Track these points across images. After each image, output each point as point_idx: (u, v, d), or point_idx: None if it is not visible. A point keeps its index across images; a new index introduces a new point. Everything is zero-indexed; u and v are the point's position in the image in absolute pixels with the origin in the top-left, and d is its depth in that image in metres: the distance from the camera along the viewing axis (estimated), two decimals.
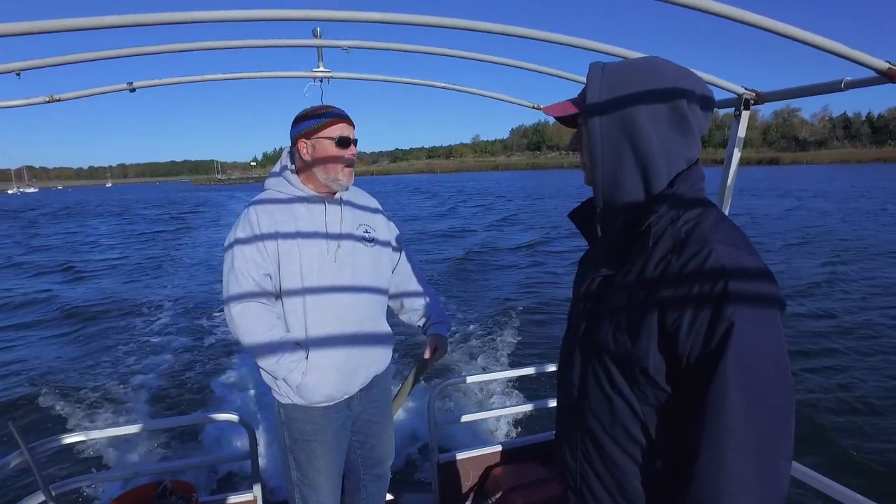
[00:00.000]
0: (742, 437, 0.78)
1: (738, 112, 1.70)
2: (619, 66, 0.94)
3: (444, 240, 17.26)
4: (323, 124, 1.77)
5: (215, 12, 1.14)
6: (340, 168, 1.79)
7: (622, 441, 0.93)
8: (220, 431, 4.54)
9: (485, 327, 7.54)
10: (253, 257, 1.74)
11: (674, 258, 0.86)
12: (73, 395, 5.82)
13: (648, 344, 0.86)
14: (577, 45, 1.47)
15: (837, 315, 7.76)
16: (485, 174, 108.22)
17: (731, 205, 1.84)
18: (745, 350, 0.78)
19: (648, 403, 0.90)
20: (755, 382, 0.78)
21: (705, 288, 0.80)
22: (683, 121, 0.91)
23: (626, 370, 0.91)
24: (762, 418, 0.79)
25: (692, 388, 0.83)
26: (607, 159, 0.93)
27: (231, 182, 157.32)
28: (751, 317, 0.79)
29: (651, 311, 0.86)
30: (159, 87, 1.80)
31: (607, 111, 0.92)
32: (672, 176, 0.92)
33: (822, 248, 13.01)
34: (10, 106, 1.64)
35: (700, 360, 0.81)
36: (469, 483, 2.58)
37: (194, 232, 23.25)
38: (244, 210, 1.83)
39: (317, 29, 1.61)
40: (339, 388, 1.82)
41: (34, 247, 20.45)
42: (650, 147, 0.90)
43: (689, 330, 0.81)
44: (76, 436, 2.19)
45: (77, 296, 11.15)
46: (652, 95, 0.89)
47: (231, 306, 1.75)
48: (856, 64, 1.17)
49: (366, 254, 1.89)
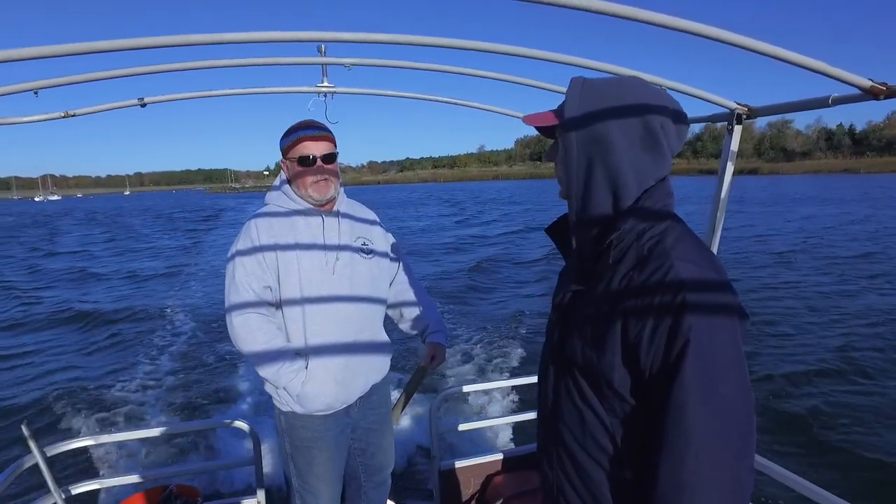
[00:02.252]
0: (701, 446, 0.79)
1: (731, 126, 1.74)
2: (599, 82, 0.97)
3: (430, 241, 18.43)
4: (290, 144, 1.85)
5: (226, 35, 1.20)
6: (309, 184, 1.84)
7: (593, 452, 0.95)
8: (226, 437, 4.59)
9: (488, 336, 7.56)
10: (253, 270, 1.80)
11: (636, 274, 0.88)
12: (85, 399, 5.89)
13: (613, 358, 0.88)
14: (570, 62, 1.51)
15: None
16: (485, 183, 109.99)
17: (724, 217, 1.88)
18: (704, 362, 0.80)
19: (616, 415, 0.91)
20: (714, 394, 0.80)
21: (664, 302, 0.82)
22: (655, 141, 0.93)
23: (593, 383, 0.92)
24: (722, 428, 0.80)
25: (654, 399, 0.85)
26: (581, 172, 0.95)
27: (245, 190, 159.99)
28: (708, 329, 0.80)
29: (614, 326, 0.88)
30: (170, 102, 1.87)
31: (583, 125, 0.93)
32: (640, 192, 0.94)
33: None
34: (28, 121, 1.71)
35: (660, 373, 0.83)
36: (470, 491, 2.60)
37: (225, 229, 27.20)
38: (245, 223, 1.89)
39: (321, 46, 1.67)
40: (337, 397, 1.86)
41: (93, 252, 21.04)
42: (620, 163, 0.92)
43: (650, 344, 0.83)
44: (86, 440, 2.24)
45: (101, 299, 11.37)
46: (626, 114, 0.92)
47: (232, 317, 1.80)
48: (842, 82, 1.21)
49: (364, 265, 1.93)
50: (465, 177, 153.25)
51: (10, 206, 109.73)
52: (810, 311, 8.46)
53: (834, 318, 8.04)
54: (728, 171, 1.80)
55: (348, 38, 1.29)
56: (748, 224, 20.15)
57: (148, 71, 1.49)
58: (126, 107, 1.80)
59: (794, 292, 9.63)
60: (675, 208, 0.98)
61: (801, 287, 10.05)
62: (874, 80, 1.20)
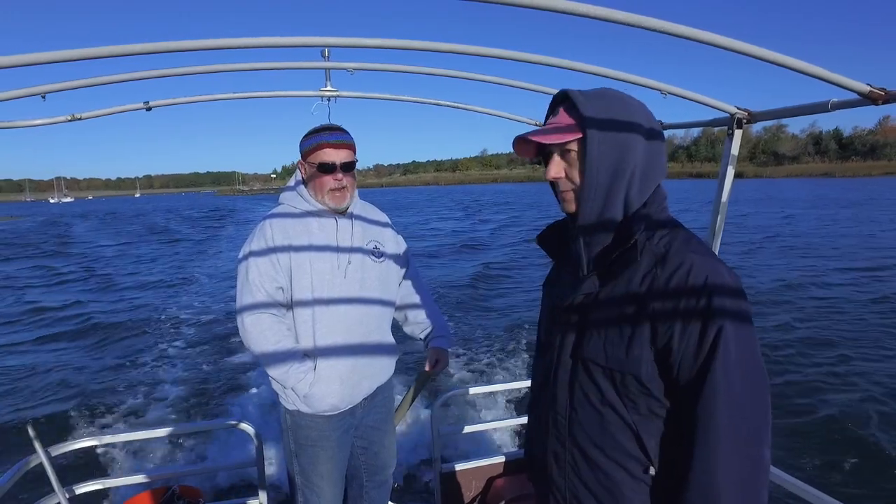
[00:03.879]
0: (729, 437, 0.85)
1: (731, 131, 1.75)
2: (597, 93, 1.00)
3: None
4: (311, 148, 1.85)
5: (232, 40, 1.22)
6: (326, 191, 1.85)
7: (613, 453, 0.96)
8: (229, 438, 4.61)
9: (490, 339, 7.56)
10: (267, 270, 1.81)
11: (659, 271, 0.92)
12: (90, 400, 5.93)
13: (641, 352, 0.91)
14: (573, 67, 1.53)
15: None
16: (484, 186, 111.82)
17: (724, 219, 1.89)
18: (733, 356, 0.85)
19: (640, 413, 0.94)
20: (743, 387, 0.86)
21: (692, 300, 0.87)
22: (658, 146, 0.99)
23: (616, 382, 0.95)
24: (748, 420, 0.86)
25: (683, 392, 0.89)
26: (603, 175, 0.97)
27: (253, 192, 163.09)
28: (736, 327, 0.86)
29: (642, 323, 0.91)
30: (175, 105, 1.89)
31: (607, 129, 0.96)
32: (646, 197, 0.99)
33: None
34: (35, 125, 1.73)
35: (691, 367, 0.88)
36: (471, 494, 2.60)
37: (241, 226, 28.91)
38: (259, 223, 1.89)
39: (325, 51, 1.69)
40: (343, 398, 1.88)
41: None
42: (636, 168, 0.97)
43: (681, 338, 0.88)
44: (90, 440, 2.26)
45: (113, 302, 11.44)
46: (639, 122, 0.97)
47: (244, 317, 1.81)
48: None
49: (374, 269, 1.95)
50: (466, 180, 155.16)
51: (30, 207, 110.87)
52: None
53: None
54: (728, 175, 1.81)
55: (352, 43, 1.31)
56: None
57: (154, 75, 1.51)
58: (132, 110, 1.82)
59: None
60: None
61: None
62: (872, 86, 1.21)
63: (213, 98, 1.93)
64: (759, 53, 1.15)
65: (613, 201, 0.98)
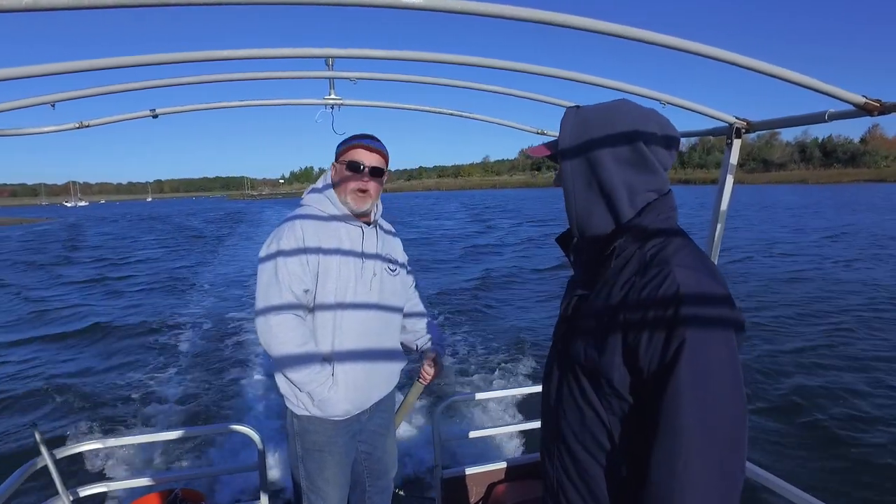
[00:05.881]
0: (692, 441, 0.84)
1: (730, 140, 1.76)
2: (590, 109, 1.05)
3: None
4: (346, 148, 1.89)
5: (238, 52, 1.24)
6: (350, 190, 1.87)
7: (591, 449, 1.00)
8: (231, 442, 4.63)
9: (492, 345, 7.56)
10: (296, 271, 1.80)
11: (637, 279, 0.94)
12: (95, 403, 5.96)
13: (613, 357, 0.94)
14: (574, 78, 1.55)
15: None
16: (483, 192, 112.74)
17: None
18: (698, 362, 0.84)
19: (614, 413, 0.97)
20: (706, 396, 0.84)
21: (661, 309, 0.88)
22: (643, 158, 1.00)
23: (595, 382, 0.98)
24: (713, 424, 0.84)
25: (650, 397, 0.90)
26: (579, 193, 1.03)
27: (262, 197, 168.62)
28: (702, 331, 0.86)
29: (616, 328, 0.93)
30: (181, 113, 1.92)
31: (575, 151, 1.02)
32: (638, 207, 1.01)
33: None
34: (44, 132, 1.77)
35: (657, 372, 0.88)
36: (473, 500, 2.60)
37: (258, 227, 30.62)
38: (288, 222, 1.88)
39: (329, 60, 1.71)
40: (356, 403, 1.90)
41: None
42: (612, 182, 1.00)
43: (648, 344, 0.89)
44: (94, 443, 2.28)
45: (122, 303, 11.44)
46: (614, 137, 0.99)
47: (269, 317, 1.79)
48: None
49: (390, 280, 2.00)
50: (467, 185, 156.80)
51: (47, 211, 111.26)
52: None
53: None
54: (728, 183, 1.83)
55: (355, 53, 1.34)
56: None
57: (161, 84, 1.53)
58: (139, 118, 1.85)
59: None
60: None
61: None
62: (868, 97, 1.23)
63: (218, 106, 1.96)
64: (759, 66, 1.17)
65: (595, 211, 1.02)
